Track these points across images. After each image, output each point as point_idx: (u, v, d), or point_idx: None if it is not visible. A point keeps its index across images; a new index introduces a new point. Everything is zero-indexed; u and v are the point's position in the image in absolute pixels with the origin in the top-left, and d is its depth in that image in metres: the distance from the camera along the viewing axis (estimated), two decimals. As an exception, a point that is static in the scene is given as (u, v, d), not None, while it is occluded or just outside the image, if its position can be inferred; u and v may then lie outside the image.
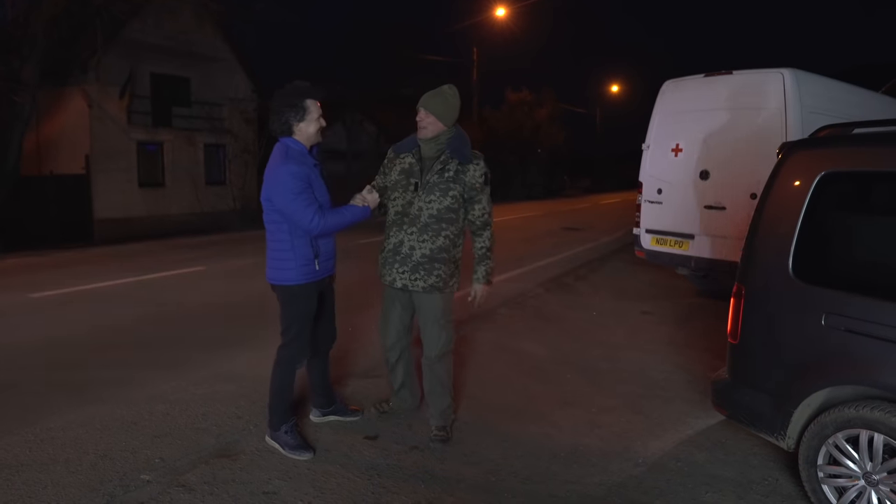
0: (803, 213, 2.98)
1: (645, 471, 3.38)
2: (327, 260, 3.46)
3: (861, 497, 2.76)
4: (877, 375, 2.68)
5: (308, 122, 3.33)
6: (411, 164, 3.49)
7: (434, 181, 3.40)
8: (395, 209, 3.52)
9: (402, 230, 3.47)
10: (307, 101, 3.34)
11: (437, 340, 3.56)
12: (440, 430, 3.64)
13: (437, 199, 3.40)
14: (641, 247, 7.71)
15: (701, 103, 6.95)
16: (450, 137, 3.44)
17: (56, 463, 3.37)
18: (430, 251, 3.42)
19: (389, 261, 3.53)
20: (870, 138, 3.04)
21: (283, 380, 3.46)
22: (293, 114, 3.30)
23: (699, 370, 4.91)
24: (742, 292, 3.19)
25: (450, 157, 3.41)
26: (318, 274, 3.40)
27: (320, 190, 3.34)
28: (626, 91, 49.53)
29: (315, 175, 3.33)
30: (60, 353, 5.44)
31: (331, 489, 3.14)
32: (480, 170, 3.45)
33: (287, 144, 3.32)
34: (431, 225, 3.41)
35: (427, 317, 3.55)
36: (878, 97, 8.06)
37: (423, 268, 3.43)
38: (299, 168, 3.23)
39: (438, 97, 3.43)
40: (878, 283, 2.78)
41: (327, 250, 3.45)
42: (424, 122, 3.41)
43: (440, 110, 3.40)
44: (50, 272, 9.91)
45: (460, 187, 3.41)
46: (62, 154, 16.87)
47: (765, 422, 3.09)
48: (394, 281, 3.52)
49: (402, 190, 3.48)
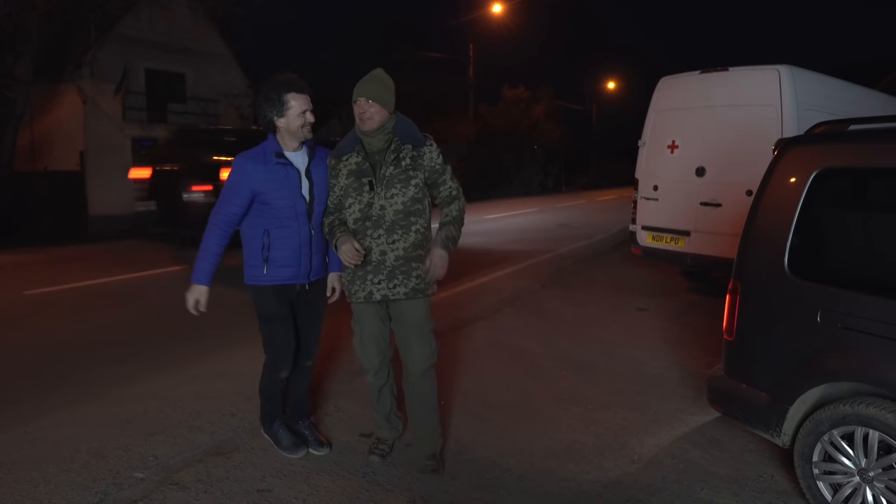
0: (799, 209, 2.97)
1: (640, 467, 3.38)
2: (285, 268, 3.13)
3: (856, 493, 2.76)
4: (872, 372, 2.68)
5: (289, 118, 3.03)
6: (358, 163, 3.06)
7: (391, 174, 3.02)
8: (353, 216, 3.07)
9: (367, 236, 3.05)
10: (286, 94, 3.01)
11: (422, 352, 3.18)
12: (430, 458, 3.31)
13: (398, 192, 3.02)
14: (637, 243, 7.72)
15: (697, 100, 6.95)
16: (395, 124, 3.08)
17: (48, 461, 3.35)
18: (404, 251, 3.05)
19: (360, 274, 3.08)
20: (865, 135, 3.03)
21: (267, 384, 3.37)
22: (270, 108, 3.02)
23: (694, 367, 4.91)
24: (738, 289, 3.18)
25: (402, 144, 3.05)
26: (267, 279, 3.12)
27: (277, 193, 3.04)
28: (623, 88, 49.49)
29: (276, 177, 3.04)
30: (54, 350, 5.41)
31: (325, 486, 3.13)
32: (436, 149, 3.11)
33: (268, 139, 3.12)
34: (399, 222, 3.03)
35: (409, 327, 3.16)
36: (875, 94, 8.06)
37: (401, 272, 3.05)
38: (244, 163, 3.03)
39: (376, 82, 3.02)
40: (873, 280, 2.77)
41: (283, 256, 3.11)
42: (369, 111, 2.98)
43: (383, 96, 3.01)
44: (44, 269, 9.86)
45: (421, 174, 3.06)
46: (57, 150, 16.81)
47: (760, 418, 3.09)
48: (370, 294, 3.08)
49: (357, 193, 3.05)
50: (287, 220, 3.08)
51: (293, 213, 3.08)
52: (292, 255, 3.12)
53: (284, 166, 3.06)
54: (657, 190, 7.39)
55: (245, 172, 3.02)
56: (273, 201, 3.03)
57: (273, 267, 3.10)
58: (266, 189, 3.01)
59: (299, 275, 3.17)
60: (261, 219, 3.08)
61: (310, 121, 3.08)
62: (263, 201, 3.04)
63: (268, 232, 3.07)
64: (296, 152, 3.14)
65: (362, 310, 3.21)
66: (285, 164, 3.07)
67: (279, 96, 3.00)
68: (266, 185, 3.01)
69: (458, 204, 3.17)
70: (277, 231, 3.08)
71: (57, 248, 12.58)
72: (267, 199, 3.03)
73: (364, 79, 3.04)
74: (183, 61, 19.10)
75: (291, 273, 3.14)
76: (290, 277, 3.15)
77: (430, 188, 3.13)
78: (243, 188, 3.01)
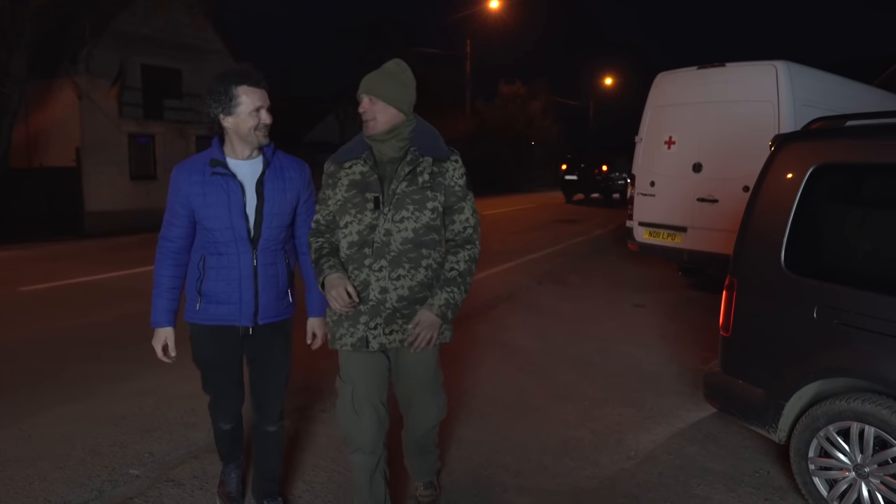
0: (795, 205, 2.97)
1: (637, 464, 3.38)
2: (222, 304, 2.50)
3: (852, 489, 2.76)
4: (868, 368, 2.68)
5: (238, 117, 2.38)
6: (364, 173, 2.41)
7: (404, 191, 2.36)
8: (349, 239, 2.41)
9: (365, 267, 2.38)
10: (235, 87, 2.36)
11: (428, 412, 2.63)
12: (428, 487, 2.90)
13: (410, 215, 2.36)
14: (634, 240, 7.72)
15: (694, 96, 6.94)
16: (413, 129, 2.44)
17: (44, 458, 3.34)
18: (410, 291, 2.37)
19: (349, 313, 2.41)
20: (862, 131, 3.03)
21: (214, 429, 2.84)
22: (216, 104, 2.38)
23: (691, 363, 4.92)
24: (734, 285, 3.18)
25: (420, 156, 2.39)
26: (200, 317, 2.52)
27: (210, 211, 2.41)
28: (620, 84, 49.51)
29: (211, 191, 2.41)
30: (49, 347, 5.40)
31: (321, 483, 3.12)
32: (460, 168, 2.46)
33: (211, 146, 2.50)
34: (406, 254, 2.36)
35: (415, 381, 2.56)
36: (871, 90, 8.08)
37: (402, 315, 2.39)
38: (177, 174, 2.45)
39: (384, 77, 2.40)
40: (870, 276, 2.77)
41: (218, 290, 2.48)
42: (371, 111, 2.37)
43: (393, 93, 2.38)
44: (40, 265, 9.84)
45: (440, 195, 2.40)
46: (52, 147, 16.77)
47: (756, 414, 3.09)
48: (363, 342, 2.40)
49: (357, 210, 2.39)
50: (224, 245, 2.45)
51: (231, 236, 2.44)
52: (230, 289, 2.48)
53: (223, 178, 2.42)
54: (654, 186, 7.39)
55: (178, 186, 2.44)
56: (206, 221, 2.43)
57: (207, 302, 2.50)
58: (198, 206, 2.42)
59: (241, 315, 2.51)
60: (199, 243, 2.52)
61: (265, 122, 2.42)
62: (199, 221, 2.46)
63: (203, 259, 2.49)
64: (246, 160, 2.48)
65: (353, 361, 2.46)
66: (224, 176, 2.42)
67: (226, 89, 2.35)
68: (198, 201, 2.42)
69: (471, 252, 2.48)
70: (213, 259, 2.48)
71: (53, 245, 12.55)
72: (200, 219, 2.44)
73: (374, 72, 2.44)
74: (179, 57, 19.04)
75: (230, 312, 2.50)
76: (229, 317, 2.51)
77: (444, 214, 2.47)
78: (178, 205, 2.46)
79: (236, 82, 2.37)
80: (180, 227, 2.49)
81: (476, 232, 2.51)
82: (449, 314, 2.40)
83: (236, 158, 2.47)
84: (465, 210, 2.47)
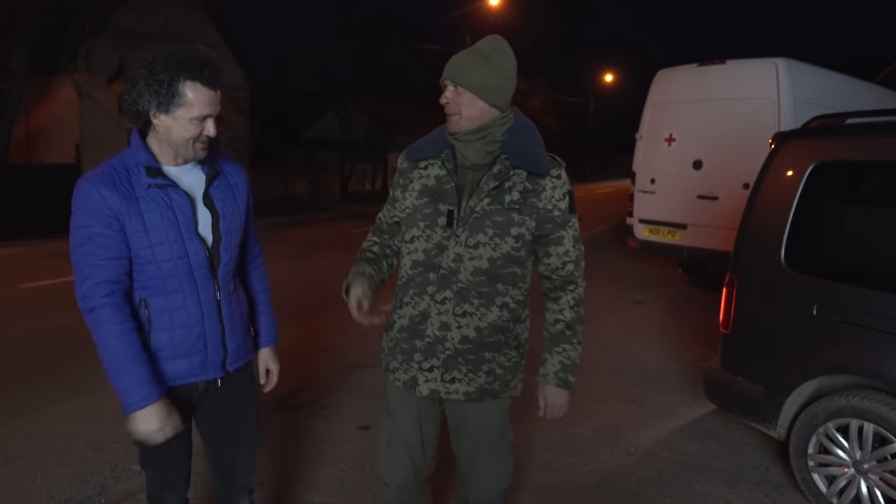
0: (796, 203, 2.98)
1: (637, 460, 3.39)
2: (179, 358, 1.87)
3: (851, 485, 2.78)
4: (868, 365, 2.69)
5: (178, 119, 1.74)
6: (440, 178, 1.95)
7: (485, 209, 1.90)
8: (414, 257, 1.99)
9: (426, 295, 1.97)
10: (183, 79, 1.72)
11: (491, 476, 2.16)
12: None
13: (489, 241, 1.91)
14: (634, 237, 7.74)
15: (694, 93, 6.95)
16: (508, 130, 1.93)
17: (46, 454, 3.36)
18: (477, 333, 1.97)
19: (404, 347, 2.02)
20: (862, 128, 3.04)
21: None
22: (151, 94, 1.72)
23: (691, 360, 4.93)
24: (734, 282, 3.19)
25: (511, 167, 1.90)
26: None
27: (153, 236, 1.76)
28: (620, 81, 49.54)
29: (150, 208, 1.76)
30: (50, 343, 5.41)
31: (322, 479, 3.13)
32: (562, 187, 1.95)
33: (131, 144, 1.81)
34: (477, 287, 1.94)
35: (477, 439, 2.12)
36: (872, 87, 8.08)
37: (465, 361, 1.98)
38: (91, 191, 1.71)
39: (477, 59, 1.86)
40: (869, 274, 2.78)
41: (174, 340, 1.84)
42: (455, 103, 1.87)
43: (487, 81, 1.85)
44: (40, 262, 9.84)
45: (530, 220, 1.92)
46: (52, 143, 16.76)
47: (756, 411, 3.11)
48: (414, 382, 2.01)
49: (427, 225, 1.95)
50: (174, 280, 1.81)
51: (185, 267, 1.82)
52: (191, 335, 1.87)
53: (164, 190, 1.78)
54: (654, 183, 7.40)
55: (98, 205, 1.71)
56: (145, 251, 1.76)
57: (160, 359, 1.84)
58: (133, 231, 1.74)
59: (206, 366, 1.92)
60: (133, 281, 1.81)
61: (209, 134, 1.80)
62: (133, 253, 1.77)
63: (145, 302, 1.81)
64: (179, 167, 1.85)
65: (401, 401, 2.09)
66: (166, 187, 1.78)
67: (170, 79, 1.71)
68: (133, 225, 1.74)
69: (575, 294, 2.06)
70: (159, 300, 1.82)
71: (53, 242, 12.54)
72: (137, 249, 1.76)
73: (463, 52, 1.92)
74: (178, 54, 19.01)
75: (192, 365, 1.90)
76: (190, 373, 1.90)
77: (536, 244, 2.01)
78: (107, 230, 1.72)
79: (186, 75, 1.72)
80: (117, 259, 1.73)
81: (578, 268, 2.05)
82: (570, 378, 2.04)
83: (167, 164, 1.82)
84: (566, 241, 1.99)
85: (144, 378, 1.74)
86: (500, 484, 2.18)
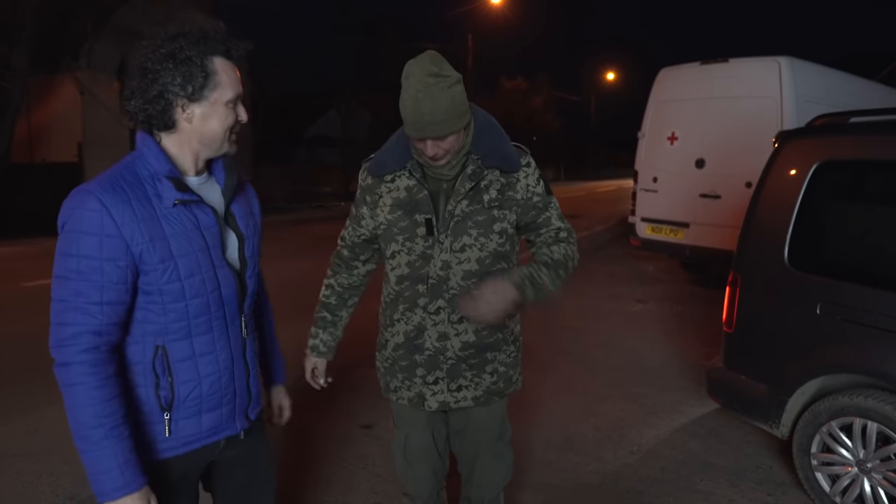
0: (799, 202, 2.98)
1: (639, 459, 3.40)
2: (207, 413, 1.53)
3: (854, 484, 2.78)
4: (871, 364, 2.69)
5: (213, 105, 1.45)
6: (410, 189, 1.89)
7: (465, 212, 1.86)
8: (398, 272, 1.94)
9: (418, 308, 1.92)
10: (212, 56, 1.43)
11: (493, 474, 2.17)
12: None
13: (474, 242, 1.87)
14: (637, 235, 7.74)
15: (697, 91, 6.94)
16: (475, 132, 1.89)
17: (50, 453, 3.36)
18: (477, 336, 1.94)
19: (403, 365, 1.99)
20: (867, 127, 3.03)
21: None
22: (180, 79, 1.39)
23: (693, 358, 4.93)
24: (737, 281, 3.19)
25: (483, 167, 1.86)
26: (172, 446, 1.50)
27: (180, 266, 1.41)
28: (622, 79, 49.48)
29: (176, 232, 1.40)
30: (54, 342, 5.41)
31: (325, 478, 3.14)
32: (534, 172, 1.94)
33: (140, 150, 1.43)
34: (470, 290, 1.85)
35: (479, 440, 2.11)
36: (874, 86, 8.07)
37: (469, 367, 1.95)
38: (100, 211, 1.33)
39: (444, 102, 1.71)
40: (873, 273, 2.78)
41: (200, 392, 1.50)
42: (441, 150, 1.79)
43: (459, 112, 1.75)
44: (42, 261, 9.80)
45: (510, 213, 1.90)
46: (54, 142, 16.77)
47: (759, 410, 3.11)
48: (421, 398, 1.99)
49: (406, 238, 1.90)
50: (204, 319, 1.48)
51: (217, 302, 1.50)
52: (218, 384, 1.53)
53: (189, 208, 1.44)
54: (657, 182, 7.40)
55: (107, 232, 1.34)
56: (173, 286, 1.41)
57: (182, 418, 1.49)
58: (158, 262, 1.38)
59: (233, 418, 1.60)
60: (141, 325, 1.44)
61: (243, 119, 1.53)
62: (149, 289, 1.41)
63: (161, 350, 1.45)
64: (201, 177, 1.52)
65: (405, 413, 2.09)
66: (192, 204, 1.45)
67: (202, 59, 1.41)
68: (158, 255, 1.38)
69: (568, 248, 1.97)
70: (183, 345, 1.47)
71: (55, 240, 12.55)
72: (158, 283, 1.40)
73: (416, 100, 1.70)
74: (180, 52, 19.04)
75: (218, 420, 1.56)
76: (215, 430, 1.56)
77: (524, 232, 2.00)
78: (115, 265, 1.35)
79: (215, 51, 1.44)
80: (111, 305, 1.35)
81: (570, 236, 2.00)
82: (527, 288, 1.78)
83: (187, 175, 1.49)
84: (552, 220, 1.96)
85: (125, 459, 1.36)
86: (502, 482, 2.21)
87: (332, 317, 2.13)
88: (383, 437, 3.56)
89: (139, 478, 1.38)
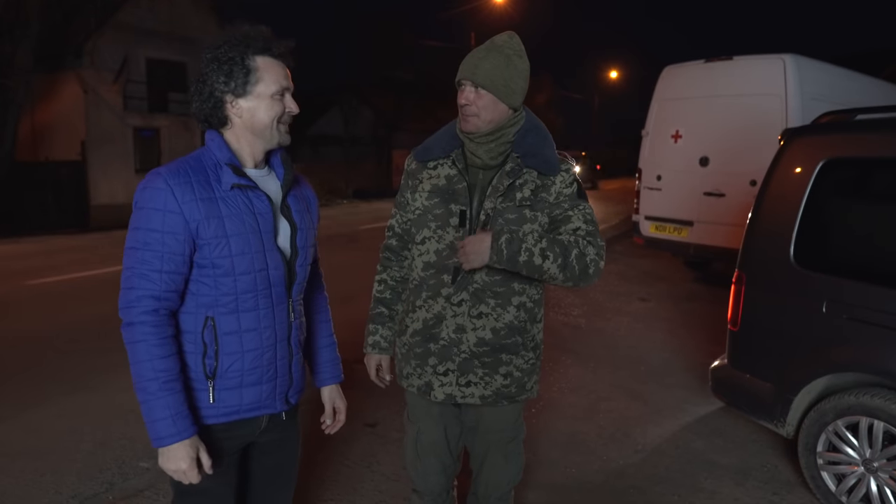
0: (805, 200, 2.96)
1: (644, 457, 3.39)
2: (249, 387, 1.65)
3: (860, 484, 2.76)
4: (877, 363, 2.68)
5: (258, 99, 1.59)
6: (450, 177, 1.94)
7: (498, 209, 1.88)
8: (426, 259, 1.97)
9: (440, 297, 1.95)
10: (254, 56, 1.59)
11: (502, 474, 2.15)
12: None
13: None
14: (640, 233, 7.72)
15: (701, 89, 6.92)
16: (519, 130, 1.92)
17: (53, 451, 3.37)
18: (494, 334, 1.94)
19: (418, 352, 2.01)
20: (872, 125, 3.01)
21: None
22: (223, 78, 1.57)
23: (698, 357, 4.92)
24: (742, 279, 3.18)
25: (522, 166, 1.89)
26: (213, 414, 1.63)
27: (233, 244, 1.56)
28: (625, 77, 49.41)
29: (232, 213, 1.56)
30: (56, 340, 5.42)
31: (329, 476, 3.14)
32: (570, 177, 1.93)
33: (207, 143, 1.63)
34: (492, 288, 1.92)
35: (490, 440, 2.11)
36: (879, 83, 8.02)
37: (482, 364, 1.96)
38: (166, 190, 1.50)
39: (497, 59, 1.82)
40: (879, 271, 2.76)
41: (243, 367, 1.63)
42: (475, 105, 1.84)
43: (506, 80, 1.82)
44: (46, 259, 9.86)
45: (542, 215, 1.90)
46: (58, 140, 16.81)
47: (764, 409, 3.09)
48: (429, 387, 2.01)
49: (438, 225, 1.94)
50: (251, 295, 1.62)
51: (264, 282, 1.63)
52: (260, 360, 1.65)
53: (245, 193, 1.60)
54: (660, 180, 7.38)
55: (170, 208, 1.51)
56: (224, 261, 1.56)
57: (226, 388, 1.63)
58: (212, 237, 1.54)
59: (274, 398, 1.72)
60: (195, 297, 1.60)
61: (291, 111, 1.66)
62: (203, 262, 1.57)
63: (211, 323, 1.60)
64: (260, 170, 1.68)
65: (419, 406, 2.11)
66: (248, 190, 1.61)
67: (242, 58, 1.58)
68: (213, 230, 1.54)
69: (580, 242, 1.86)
70: (229, 320, 1.61)
71: (58, 238, 12.58)
72: (211, 257, 1.56)
73: (478, 50, 1.87)
74: (183, 50, 19.01)
75: (258, 396, 1.68)
76: (257, 405, 1.69)
77: (549, 231, 1.94)
78: (172, 241, 1.52)
79: (256, 50, 1.59)
80: (170, 274, 1.53)
81: (595, 239, 1.90)
82: (504, 247, 1.76)
83: (246, 166, 1.65)
84: (574, 219, 1.89)
85: (177, 410, 1.51)
86: (511, 482, 2.19)
87: (389, 311, 2.15)
88: (388, 436, 3.55)
89: (189, 428, 1.53)
